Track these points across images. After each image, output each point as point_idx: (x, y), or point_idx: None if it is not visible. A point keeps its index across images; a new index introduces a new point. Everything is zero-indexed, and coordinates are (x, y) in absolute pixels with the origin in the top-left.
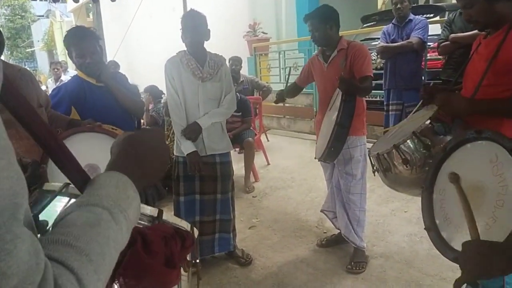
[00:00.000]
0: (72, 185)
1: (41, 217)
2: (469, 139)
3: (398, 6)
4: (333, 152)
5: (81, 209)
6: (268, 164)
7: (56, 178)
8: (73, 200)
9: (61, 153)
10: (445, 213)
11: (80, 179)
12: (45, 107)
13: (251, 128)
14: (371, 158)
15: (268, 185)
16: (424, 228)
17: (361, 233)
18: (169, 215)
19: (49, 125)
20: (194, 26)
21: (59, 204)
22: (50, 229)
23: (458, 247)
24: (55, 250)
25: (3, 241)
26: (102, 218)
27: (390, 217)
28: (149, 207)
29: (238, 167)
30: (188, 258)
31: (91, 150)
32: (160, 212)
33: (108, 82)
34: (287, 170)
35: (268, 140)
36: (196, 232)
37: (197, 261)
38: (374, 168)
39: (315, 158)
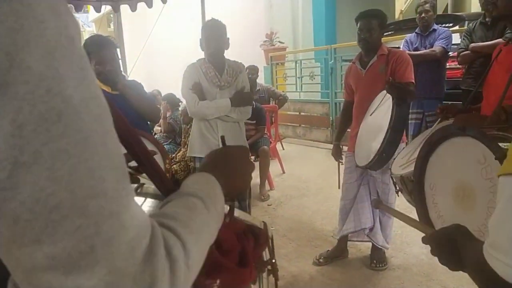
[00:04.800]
0: (146, 185)
1: None
2: (453, 133)
3: (423, 15)
4: (384, 158)
5: (180, 196)
6: (283, 172)
7: None
8: (149, 200)
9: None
10: (438, 209)
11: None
12: None
13: (266, 136)
14: (394, 179)
15: (283, 194)
16: None
17: (389, 237)
18: (240, 212)
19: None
20: (216, 36)
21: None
22: None
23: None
24: (164, 220)
25: (121, 196)
26: (197, 205)
27: (409, 228)
28: None
29: (253, 175)
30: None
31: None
32: (232, 209)
33: (124, 90)
34: (303, 179)
35: (283, 149)
36: (270, 231)
37: (274, 260)
38: (397, 188)
39: (356, 167)
